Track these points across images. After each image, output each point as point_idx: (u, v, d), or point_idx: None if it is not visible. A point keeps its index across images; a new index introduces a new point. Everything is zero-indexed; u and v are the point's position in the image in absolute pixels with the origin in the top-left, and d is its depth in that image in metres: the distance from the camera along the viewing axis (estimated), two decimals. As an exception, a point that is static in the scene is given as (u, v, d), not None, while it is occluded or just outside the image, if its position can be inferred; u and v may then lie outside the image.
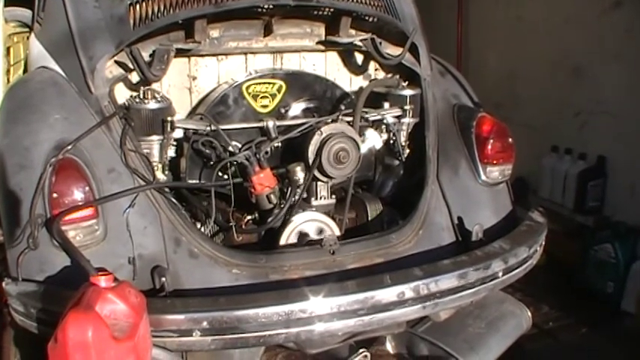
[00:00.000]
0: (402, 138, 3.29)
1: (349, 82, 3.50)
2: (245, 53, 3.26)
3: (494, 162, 3.25)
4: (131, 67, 2.87)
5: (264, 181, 2.91)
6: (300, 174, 2.97)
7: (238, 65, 3.27)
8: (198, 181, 3.02)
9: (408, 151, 3.30)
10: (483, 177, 3.24)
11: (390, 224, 3.24)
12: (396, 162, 3.34)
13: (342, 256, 2.80)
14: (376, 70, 3.53)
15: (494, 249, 2.88)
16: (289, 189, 2.99)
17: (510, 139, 3.32)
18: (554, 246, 3.55)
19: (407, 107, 3.22)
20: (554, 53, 5.10)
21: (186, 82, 3.21)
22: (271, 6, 3.02)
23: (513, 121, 3.48)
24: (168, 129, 2.84)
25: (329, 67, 3.44)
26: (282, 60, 3.35)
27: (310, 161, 2.95)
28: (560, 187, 4.95)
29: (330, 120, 3.03)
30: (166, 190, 2.84)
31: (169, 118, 2.84)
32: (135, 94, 2.99)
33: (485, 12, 5.93)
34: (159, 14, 2.90)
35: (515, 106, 5.15)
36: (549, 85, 5.16)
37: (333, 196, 3.11)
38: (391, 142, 3.32)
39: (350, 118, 3.09)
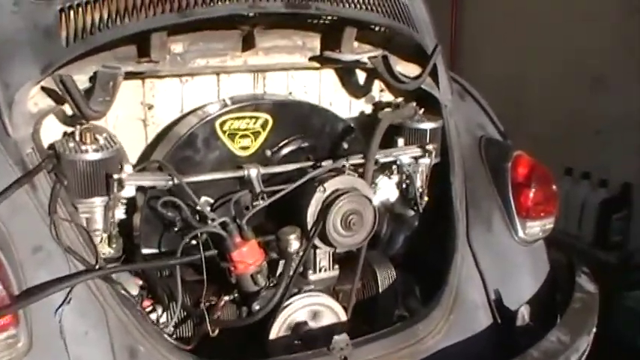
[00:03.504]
0: (419, 183, 2.56)
1: (348, 107, 2.76)
2: (217, 73, 2.48)
3: (535, 215, 2.57)
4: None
5: (247, 258, 2.17)
6: (295, 244, 2.22)
7: (208, 88, 2.49)
8: (156, 260, 2.25)
9: (426, 199, 2.56)
10: (521, 234, 2.57)
11: (406, 296, 2.55)
12: (411, 212, 2.62)
13: (357, 364, 2.08)
14: (381, 91, 2.79)
15: (553, 345, 2.21)
16: (280, 263, 2.24)
17: (554, 187, 2.63)
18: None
19: (429, 147, 2.48)
20: (569, 58, 4.34)
21: (139, 113, 2.42)
22: (256, 14, 2.24)
23: (516, 137, 2.84)
24: (115, 188, 2.05)
25: (324, 88, 2.69)
26: (265, 81, 2.58)
27: (309, 227, 2.20)
28: (575, 217, 4.28)
29: (334, 169, 2.28)
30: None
31: (116, 176, 2.04)
32: (70, 133, 2.19)
33: (484, 5, 5.12)
34: (101, 26, 2.10)
35: (520, 119, 4.40)
36: (562, 95, 4.41)
37: (336, 267, 2.37)
38: (404, 186, 2.58)
39: (356, 162, 2.37)
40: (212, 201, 2.33)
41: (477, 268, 2.45)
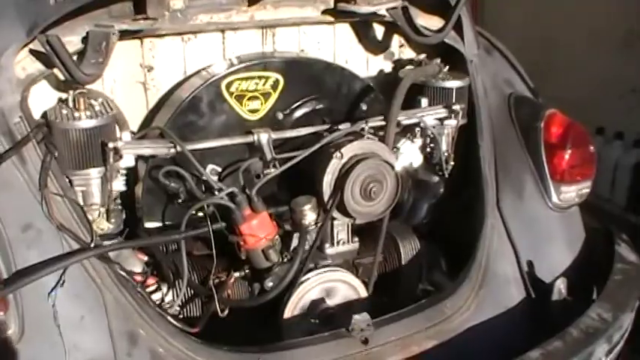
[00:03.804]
0: (444, 146, 2.34)
1: (365, 65, 2.54)
2: (222, 30, 2.27)
3: (570, 179, 2.36)
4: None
5: (258, 231, 1.98)
6: (310, 215, 2.03)
7: (213, 47, 2.28)
8: (159, 234, 2.07)
9: (452, 163, 2.35)
10: (555, 199, 2.36)
11: (431, 269, 2.36)
12: (435, 178, 2.41)
13: (379, 346, 1.91)
14: (401, 47, 2.56)
15: (594, 322, 2.02)
16: (295, 236, 2.05)
17: (591, 147, 2.41)
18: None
19: (456, 107, 2.26)
20: (600, 14, 4.05)
21: (138, 75, 2.22)
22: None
23: (545, 94, 2.61)
24: (111, 158, 1.87)
25: (339, 44, 2.47)
26: (275, 38, 2.36)
27: (325, 197, 2.01)
28: (608, 179, 4.02)
29: (351, 133, 2.07)
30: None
31: (112, 144, 1.86)
32: (64, 99, 2.00)
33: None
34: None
35: (548, 76, 4.09)
36: (594, 53, 4.09)
37: (355, 239, 2.18)
38: (428, 150, 2.37)
39: (376, 124, 2.15)
40: (220, 169, 2.15)
41: (508, 238, 2.26)
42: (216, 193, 1.98)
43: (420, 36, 2.31)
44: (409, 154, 2.24)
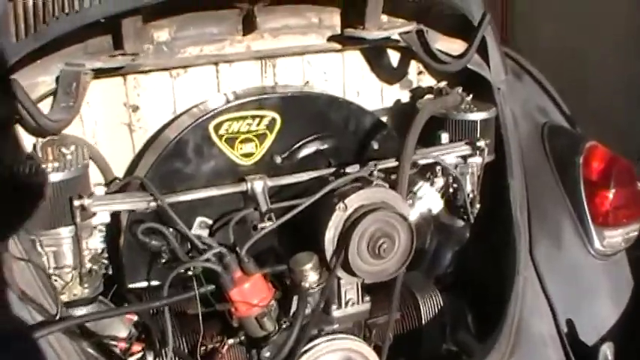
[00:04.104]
0: (469, 187, 2.07)
1: (380, 95, 2.28)
2: (215, 63, 2.02)
3: (615, 222, 2.06)
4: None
5: (250, 296, 1.73)
6: (312, 276, 1.77)
7: (205, 82, 2.05)
8: (136, 302, 1.83)
9: (478, 206, 2.07)
10: (598, 245, 2.07)
11: (456, 327, 2.07)
12: (460, 223, 2.14)
13: None
14: (420, 73, 2.30)
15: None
16: (294, 300, 1.79)
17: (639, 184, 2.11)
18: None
19: (481, 142, 1.98)
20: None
21: (123, 116, 2.00)
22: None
23: (580, 116, 2.30)
24: (78, 217, 1.63)
25: (349, 74, 2.21)
26: (276, 69, 2.11)
27: (328, 255, 1.75)
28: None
29: (357, 178, 1.81)
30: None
31: (78, 202, 1.62)
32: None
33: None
34: (56, 13, 1.67)
35: (584, 96, 3.76)
36: (636, 69, 3.75)
37: (367, 298, 1.91)
38: (450, 191, 2.09)
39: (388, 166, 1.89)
40: (210, 222, 1.91)
41: (543, 293, 1.97)
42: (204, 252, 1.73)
43: (438, 63, 2.05)
44: (428, 199, 1.97)
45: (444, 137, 2.06)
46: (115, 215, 1.81)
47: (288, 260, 1.80)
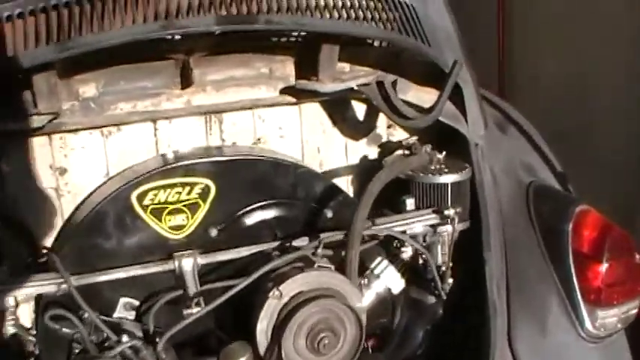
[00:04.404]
0: (439, 259, 1.81)
1: (344, 152, 2.03)
2: (153, 120, 1.79)
3: (609, 300, 1.77)
4: None
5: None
6: (244, 372, 1.52)
7: (142, 141, 1.82)
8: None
9: (450, 281, 1.81)
10: (589, 327, 1.78)
11: None
12: (432, 299, 1.87)
13: None
14: (390, 127, 2.05)
15: None
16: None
17: (638, 256, 1.82)
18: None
19: (450, 212, 1.72)
20: None
21: (49, 180, 1.76)
22: (175, 36, 1.58)
23: (587, 159, 2.01)
24: None
25: (307, 128, 1.97)
26: (223, 125, 1.88)
27: (261, 349, 1.50)
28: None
29: (295, 260, 1.57)
30: None
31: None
32: None
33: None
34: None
35: (589, 138, 3.47)
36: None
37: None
38: (420, 262, 1.84)
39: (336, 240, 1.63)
40: (137, 303, 1.67)
41: (523, 387, 1.68)
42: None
43: (402, 118, 1.80)
44: (388, 277, 1.70)
45: (409, 203, 1.81)
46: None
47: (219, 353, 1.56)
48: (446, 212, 1.74)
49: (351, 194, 1.95)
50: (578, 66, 3.63)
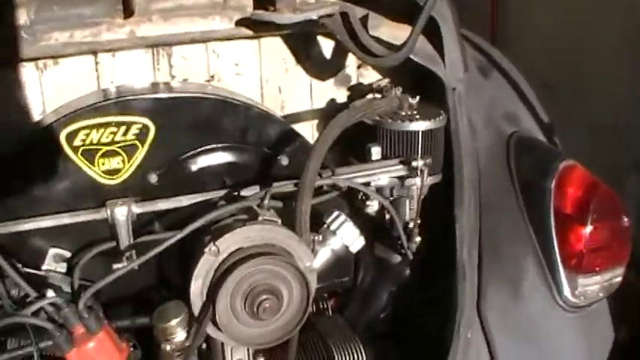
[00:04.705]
0: (406, 215, 1.64)
1: (309, 94, 1.84)
2: (94, 52, 1.60)
3: (592, 267, 1.60)
4: None
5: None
6: (180, 334, 1.36)
7: (82, 76, 1.62)
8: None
9: (418, 239, 1.64)
10: (568, 294, 1.61)
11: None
12: (397, 258, 1.71)
13: None
14: (360, 67, 1.85)
15: None
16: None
17: (625, 219, 1.65)
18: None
19: (417, 162, 1.54)
20: None
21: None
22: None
23: (576, 117, 1.81)
24: None
25: (267, 66, 1.77)
26: (172, 59, 1.68)
27: (195, 310, 1.33)
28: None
29: (238, 211, 1.40)
30: None
31: None
32: None
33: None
34: None
35: (579, 95, 3.23)
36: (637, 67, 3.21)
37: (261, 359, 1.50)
38: (387, 217, 1.67)
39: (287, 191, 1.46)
40: (68, 255, 1.50)
41: (489, 357, 1.53)
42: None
43: (369, 55, 1.60)
44: (345, 234, 1.52)
45: (375, 152, 1.62)
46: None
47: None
48: (414, 163, 1.56)
49: (315, 141, 1.77)
50: (576, 18, 3.40)
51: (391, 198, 1.64)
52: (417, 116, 1.64)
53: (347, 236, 1.50)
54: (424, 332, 1.68)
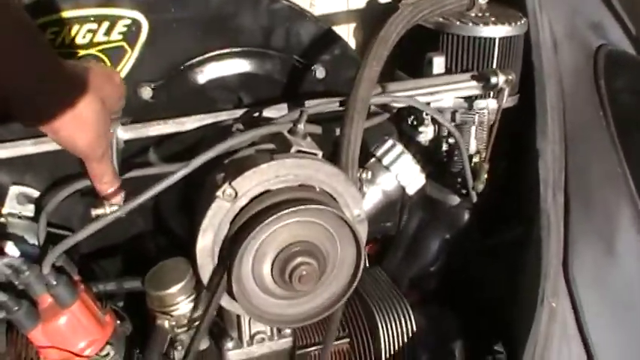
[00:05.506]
0: (473, 147, 1.28)
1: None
2: None
3: None
4: None
5: (66, 338, 0.97)
6: (183, 306, 1.01)
7: None
8: None
9: (485, 177, 1.28)
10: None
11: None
12: (455, 199, 1.36)
13: None
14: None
15: None
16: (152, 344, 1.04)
17: None
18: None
19: (497, 78, 1.17)
20: None
21: None
22: None
23: None
24: None
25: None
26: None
27: (203, 275, 0.97)
28: None
29: (263, 139, 1.02)
30: None
31: None
32: None
33: None
34: None
35: None
36: None
37: (287, 331, 1.15)
38: (444, 149, 1.31)
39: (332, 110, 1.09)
40: (36, 194, 1.13)
41: (579, 332, 1.20)
42: None
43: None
44: (401, 170, 1.15)
45: (438, 64, 1.25)
46: None
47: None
48: (493, 79, 1.18)
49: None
50: None
51: (453, 124, 1.27)
52: (493, 19, 1.26)
53: (404, 173, 1.14)
54: (486, 297, 1.34)
